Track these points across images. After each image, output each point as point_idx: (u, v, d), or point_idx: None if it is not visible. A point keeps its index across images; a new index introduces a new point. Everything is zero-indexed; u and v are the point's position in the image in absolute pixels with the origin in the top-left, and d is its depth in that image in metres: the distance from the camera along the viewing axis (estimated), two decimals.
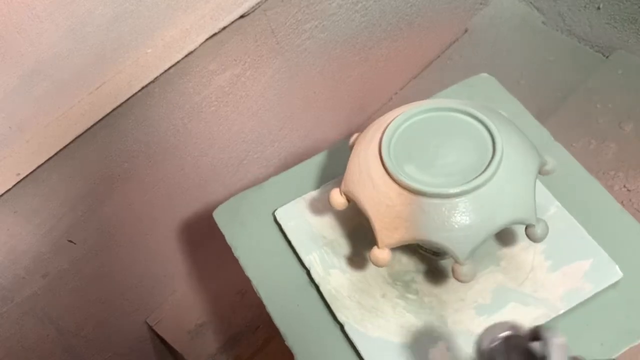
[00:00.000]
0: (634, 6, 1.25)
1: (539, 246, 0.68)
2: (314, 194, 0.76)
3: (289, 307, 0.70)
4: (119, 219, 0.99)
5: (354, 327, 0.66)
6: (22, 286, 0.90)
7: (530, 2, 1.44)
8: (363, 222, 0.72)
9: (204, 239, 1.18)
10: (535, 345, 0.47)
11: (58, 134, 0.80)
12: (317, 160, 0.82)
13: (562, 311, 0.64)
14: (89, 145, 0.85)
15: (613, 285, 0.65)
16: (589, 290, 0.65)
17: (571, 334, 0.63)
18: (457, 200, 0.56)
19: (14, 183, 0.78)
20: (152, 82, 0.86)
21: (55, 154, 0.80)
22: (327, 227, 0.74)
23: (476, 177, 0.56)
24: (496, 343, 0.48)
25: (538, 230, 0.58)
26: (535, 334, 0.47)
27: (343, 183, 0.64)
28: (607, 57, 1.34)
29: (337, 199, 0.64)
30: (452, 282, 0.68)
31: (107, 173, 0.91)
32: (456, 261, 0.58)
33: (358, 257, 0.71)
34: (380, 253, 0.60)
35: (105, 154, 0.89)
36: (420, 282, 0.69)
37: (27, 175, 0.79)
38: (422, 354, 0.64)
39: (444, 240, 0.57)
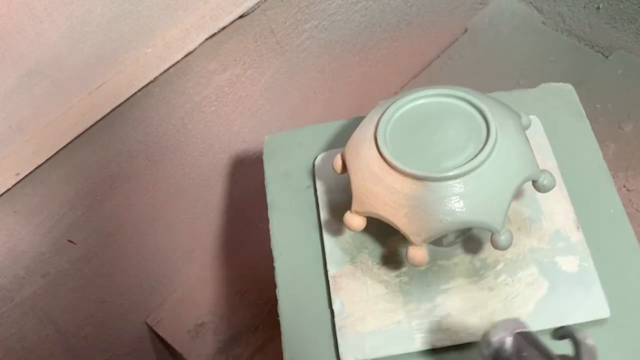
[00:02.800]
0: (633, 6, 1.25)
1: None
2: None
3: None
4: (119, 219, 0.99)
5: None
6: (22, 286, 0.90)
7: (530, 2, 1.44)
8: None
9: (203, 239, 1.18)
10: (547, 345, 0.47)
11: (58, 134, 0.80)
12: None
13: None
14: (88, 145, 0.85)
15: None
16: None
17: None
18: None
19: (13, 183, 0.78)
20: (152, 82, 0.86)
21: (55, 154, 0.80)
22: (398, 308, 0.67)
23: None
24: (505, 341, 0.47)
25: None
26: (563, 334, 0.47)
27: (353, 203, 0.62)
28: (607, 57, 1.34)
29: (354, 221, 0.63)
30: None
31: (107, 173, 0.91)
32: (494, 232, 0.58)
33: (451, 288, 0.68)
34: (416, 250, 0.60)
35: (105, 154, 0.89)
36: (490, 264, 0.68)
37: (26, 175, 0.79)
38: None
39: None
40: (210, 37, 0.89)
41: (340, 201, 0.74)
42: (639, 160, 1.19)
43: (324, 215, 0.74)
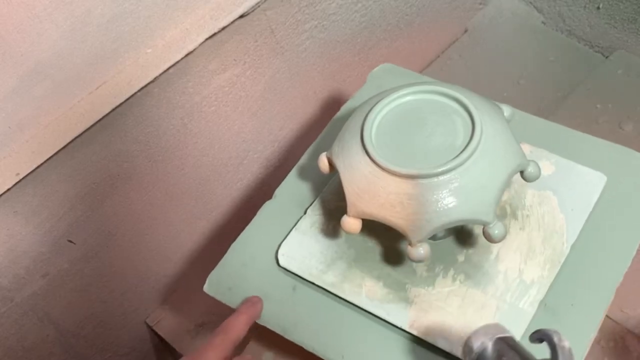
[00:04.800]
0: (633, 6, 1.25)
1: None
2: None
3: None
4: (119, 219, 0.99)
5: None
6: (22, 286, 0.90)
7: (530, 2, 1.44)
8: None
9: (203, 239, 1.18)
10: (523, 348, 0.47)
11: (58, 134, 0.80)
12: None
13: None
14: (88, 145, 0.85)
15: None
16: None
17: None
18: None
19: (13, 183, 0.78)
20: (152, 82, 0.86)
21: (55, 153, 0.80)
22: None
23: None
24: (487, 347, 0.47)
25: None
26: (539, 337, 0.47)
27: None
28: (607, 57, 1.34)
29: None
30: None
31: (107, 173, 0.91)
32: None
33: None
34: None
35: (105, 154, 0.89)
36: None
37: (26, 175, 0.79)
38: None
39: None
40: (210, 37, 0.89)
41: (344, 267, 0.72)
42: None
43: (340, 292, 0.70)
